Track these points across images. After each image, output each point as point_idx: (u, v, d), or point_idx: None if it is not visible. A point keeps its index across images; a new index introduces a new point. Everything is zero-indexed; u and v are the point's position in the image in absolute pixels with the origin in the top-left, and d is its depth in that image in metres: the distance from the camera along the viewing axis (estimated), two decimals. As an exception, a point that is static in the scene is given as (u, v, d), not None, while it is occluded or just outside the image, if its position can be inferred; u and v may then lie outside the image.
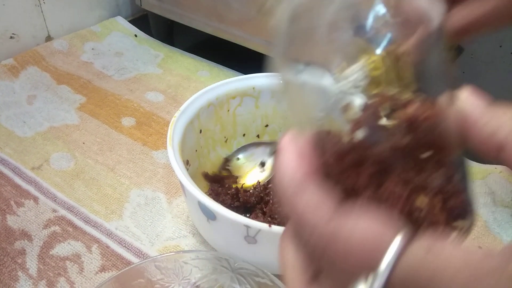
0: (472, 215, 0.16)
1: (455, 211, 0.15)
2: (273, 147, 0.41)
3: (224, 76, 0.57)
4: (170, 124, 0.34)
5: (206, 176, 0.39)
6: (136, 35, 0.63)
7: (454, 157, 0.16)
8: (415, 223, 0.14)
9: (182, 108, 0.36)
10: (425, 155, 0.15)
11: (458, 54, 0.70)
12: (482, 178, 0.44)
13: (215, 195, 0.37)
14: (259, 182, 0.38)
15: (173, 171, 0.30)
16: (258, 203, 0.36)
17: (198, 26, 0.57)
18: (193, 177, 0.38)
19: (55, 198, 0.39)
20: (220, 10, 0.54)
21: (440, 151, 0.15)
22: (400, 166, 0.14)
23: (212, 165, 0.41)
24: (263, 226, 0.27)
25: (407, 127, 0.14)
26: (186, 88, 0.54)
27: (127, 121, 0.48)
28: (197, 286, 0.31)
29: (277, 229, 0.27)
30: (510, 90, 0.61)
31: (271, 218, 0.34)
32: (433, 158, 0.15)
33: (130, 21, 0.66)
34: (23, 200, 0.38)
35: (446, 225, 0.15)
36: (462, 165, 0.17)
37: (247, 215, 0.36)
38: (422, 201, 0.15)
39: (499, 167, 0.44)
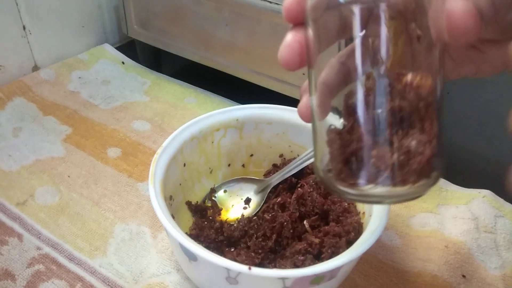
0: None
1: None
2: (260, 185, 0.41)
3: (211, 102, 0.57)
4: (152, 162, 0.34)
5: (189, 205, 0.39)
6: (123, 62, 0.64)
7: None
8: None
9: (164, 144, 0.36)
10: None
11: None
12: (465, 203, 0.44)
13: (199, 230, 0.37)
14: (243, 215, 0.38)
15: (156, 214, 0.31)
16: (242, 237, 0.36)
17: (184, 54, 0.58)
18: (177, 211, 0.38)
19: (40, 235, 0.39)
20: (206, 39, 0.54)
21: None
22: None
23: (196, 197, 0.41)
24: (243, 268, 0.27)
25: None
26: (172, 116, 0.55)
27: (113, 152, 0.48)
28: (180, 326, 0.31)
29: (257, 271, 0.27)
30: (491, 108, 0.62)
31: (255, 253, 0.34)
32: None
33: (117, 48, 0.67)
34: (7, 238, 0.38)
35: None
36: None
37: (231, 249, 0.36)
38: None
39: (482, 192, 0.45)
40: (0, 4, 0.52)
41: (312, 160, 0.39)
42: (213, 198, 0.42)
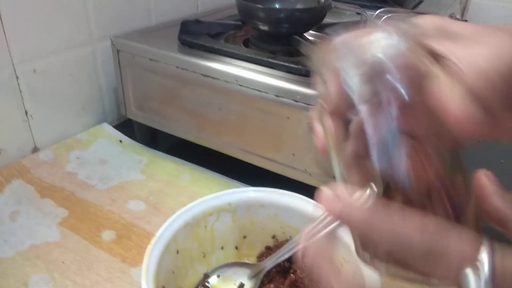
0: None
1: None
2: (254, 270, 0.41)
3: (205, 179, 0.59)
4: (146, 254, 0.35)
5: None
6: (121, 141, 0.66)
7: None
8: None
9: (158, 234, 0.37)
10: None
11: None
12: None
13: None
14: None
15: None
16: None
17: (180, 134, 0.60)
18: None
19: (31, 328, 0.38)
20: (199, 121, 0.57)
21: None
22: None
23: (190, 284, 0.41)
24: None
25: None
26: (167, 194, 0.56)
27: (107, 235, 0.49)
28: None
29: None
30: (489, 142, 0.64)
31: None
32: None
33: (115, 126, 0.69)
34: (-3, 332, 0.38)
35: None
36: None
37: None
38: None
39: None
40: (4, 90, 0.55)
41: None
42: (206, 283, 0.42)
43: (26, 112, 0.59)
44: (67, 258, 0.46)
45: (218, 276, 0.42)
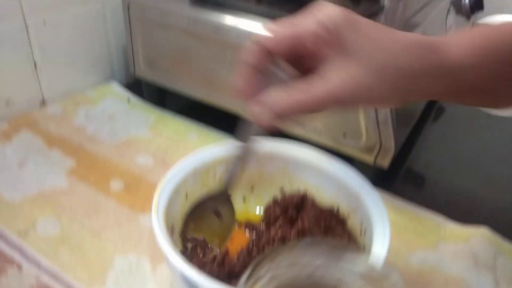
0: None
1: None
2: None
3: (212, 138, 0.59)
4: (156, 192, 0.35)
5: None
6: (129, 100, 0.66)
7: None
8: None
9: (168, 176, 0.37)
10: None
11: (439, 113, 0.73)
12: (464, 240, 0.44)
13: (201, 265, 0.37)
14: (243, 249, 0.38)
15: (157, 243, 0.31)
16: (242, 271, 0.36)
17: (189, 93, 0.60)
18: (178, 241, 0.38)
19: (39, 265, 0.39)
20: (210, 78, 0.57)
21: None
22: None
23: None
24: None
25: None
26: (175, 151, 0.56)
27: (116, 185, 0.49)
28: None
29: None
30: (489, 149, 0.64)
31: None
32: None
33: (124, 85, 0.69)
34: (6, 266, 0.38)
35: None
36: None
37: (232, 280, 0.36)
38: None
39: (480, 229, 0.45)
40: (14, 41, 0.55)
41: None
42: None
43: (35, 64, 0.58)
44: (75, 204, 0.46)
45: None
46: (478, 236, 0.44)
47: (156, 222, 0.32)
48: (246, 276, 0.18)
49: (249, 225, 0.42)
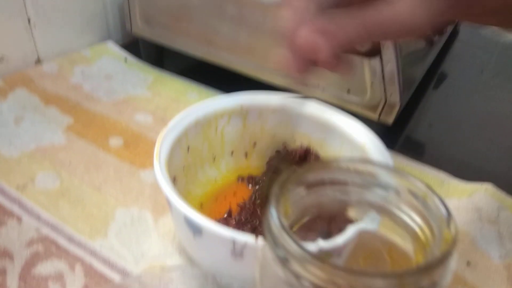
0: None
1: None
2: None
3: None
4: (157, 140, 0.34)
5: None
6: (126, 59, 0.64)
7: None
8: None
9: (169, 125, 0.36)
10: None
11: (442, 79, 0.72)
12: (468, 196, 0.44)
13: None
14: (246, 200, 0.38)
15: (160, 187, 0.30)
16: (247, 220, 0.36)
17: (188, 50, 0.58)
18: (181, 195, 0.38)
19: (39, 217, 0.38)
20: (209, 35, 0.55)
21: None
22: None
23: (199, 184, 0.41)
24: (249, 239, 0.27)
25: None
26: (175, 109, 0.55)
27: (115, 142, 0.48)
28: (182, 304, 0.30)
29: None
30: (492, 112, 0.63)
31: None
32: None
33: (120, 46, 0.67)
34: (6, 219, 0.37)
35: None
36: None
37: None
38: None
39: (484, 185, 0.45)
40: (6, -4, 0.53)
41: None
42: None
43: (28, 20, 0.56)
44: (74, 159, 0.45)
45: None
46: (482, 192, 0.44)
47: (158, 168, 0.31)
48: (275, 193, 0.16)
49: (251, 179, 0.42)
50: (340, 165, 0.18)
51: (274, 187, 0.16)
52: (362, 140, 0.37)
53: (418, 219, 0.16)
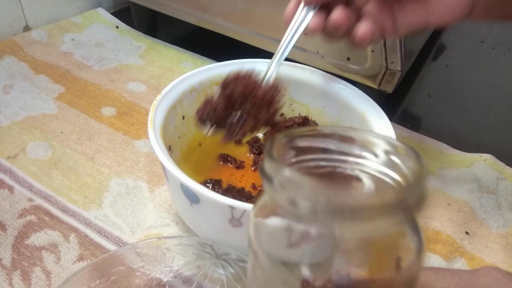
0: None
1: None
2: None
3: (208, 67, 0.56)
4: (152, 107, 0.33)
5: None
6: (117, 27, 0.62)
7: None
8: None
9: (163, 91, 0.35)
10: None
11: (441, 51, 0.71)
12: (467, 166, 0.44)
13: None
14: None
15: (155, 154, 0.29)
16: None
17: (182, 17, 0.56)
18: (176, 163, 0.37)
19: (31, 188, 0.37)
20: (204, 0, 0.53)
21: None
22: None
23: (194, 155, 0.40)
24: (248, 206, 0.26)
25: None
26: (169, 78, 0.53)
27: (108, 111, 0.47)
28: (179, 273, 0.30)
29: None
30: (491, 84, 0.62)
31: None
32: None
33: (111, 14, 0.65)
34: (-3, 189, 0.37)
35: None
36: None
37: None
38: None
39: (483, 156, 0.44)
40: (-10, -43, 0.50)
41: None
42: None
43: (15, -16, 0.54)
44: (66, 128, 0.44)
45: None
46: (481, 162, 0.44)
47: (153, 136, 0.30)
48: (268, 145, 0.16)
49: (250, 142, 0.41)
50: (324, 131, 0.17)
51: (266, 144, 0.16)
52: (362, 108, 0.36)
53: (396, 176, 0.15)
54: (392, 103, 0.52)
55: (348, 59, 0.47)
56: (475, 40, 0.73)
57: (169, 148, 0.35)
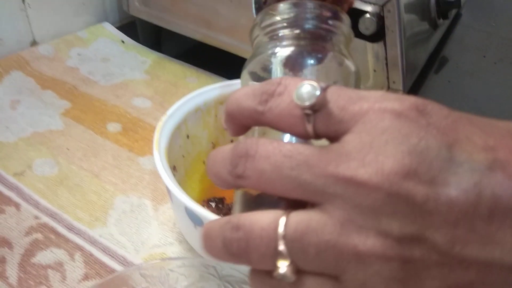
0: None
1: None
2: None
3: (212, 82, 0.56)
4: (157, 129, 0.34)
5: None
6: (123, 41, 0.63)
7: None
8: None
9: (169, 112, 0.36)
10: None
11: (442, 64, 0.71)
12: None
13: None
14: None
15: (161, 177, 0.30)
16: None
17: (187, 33, 0.57)
18: (180, 185, 0.37)
19: (38, 205, 0.38)
20: (209, 17, 0.54)
21: None
22: None
23: (198, 173, 0.40)
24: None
25: None
26: (173, 94, 0.54)
27: (113, 127, 0.47)
28: (183, 294, 0.30)
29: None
30: (493, 100, 0.62)
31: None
32: None
33: (117, 28, 0.66)
34: (4, 206, 0.37)
35: None
36: None
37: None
38: None
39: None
40: (-1, -25, 0.51)
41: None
42: None
43: (23, 0, 0.55)
44: (72, 145, 0.44)
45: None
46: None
47: (158, 158, 0.31)
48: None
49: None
50: None
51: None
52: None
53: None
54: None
55: (351, 77, 0.48)
56: (477, 54, 0.74)
57: (174, 168, 0.36)
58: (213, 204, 0.38)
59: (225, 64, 0.57)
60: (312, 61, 0.23)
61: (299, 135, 0.17)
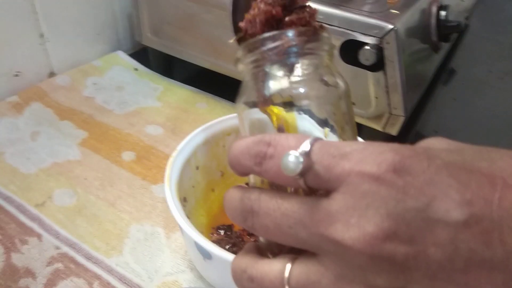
0: None
1: None
2: None
3: (221, 107, 0.59)
4: (168, 164, 0.36)
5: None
6: (136, 69, 0.65)
7: None
8: None
9: (179, 147, 0.38)
10: None
11: (451, 75, 0.72)
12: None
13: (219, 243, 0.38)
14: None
15: (171, 213, 0.32)
16: None
17: (196, 61, 0.59)
18: (191, 214, 0.39)
19: (58, 235, 0.40)
20: (217, 46, 0.56)
21: None
22: None
23: (208, 199, 0.42)
24: (256, 266, 0.28)
25: None
26: (184, 120, 0.56)
27: (128, 156, 0.50)
28: (194, 322, 0.32)
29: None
30: (499, 115, 0.63)
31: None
32: None
33: (130, 55, 0.68)
34: (27, 237, 0.40)
35: None
36: None
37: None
38: None
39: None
40: (19, 12, 0.54)
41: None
42: None
43: (42, 35, 0.58)
44: (89, 175, 0.47)
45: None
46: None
47: (169, 194, 0.33)
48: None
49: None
50: None
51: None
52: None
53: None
54: (399, 138, 0.53)
55: (353, 103, 0.49)
56: (483, 69, 0.75)
57: (184, 199, 0.38)
58: (222, 232, 0.40)
59: (235, 88, 0.59)
60: (302, 90, 0.24)
61: (296, 188, 0.20)
